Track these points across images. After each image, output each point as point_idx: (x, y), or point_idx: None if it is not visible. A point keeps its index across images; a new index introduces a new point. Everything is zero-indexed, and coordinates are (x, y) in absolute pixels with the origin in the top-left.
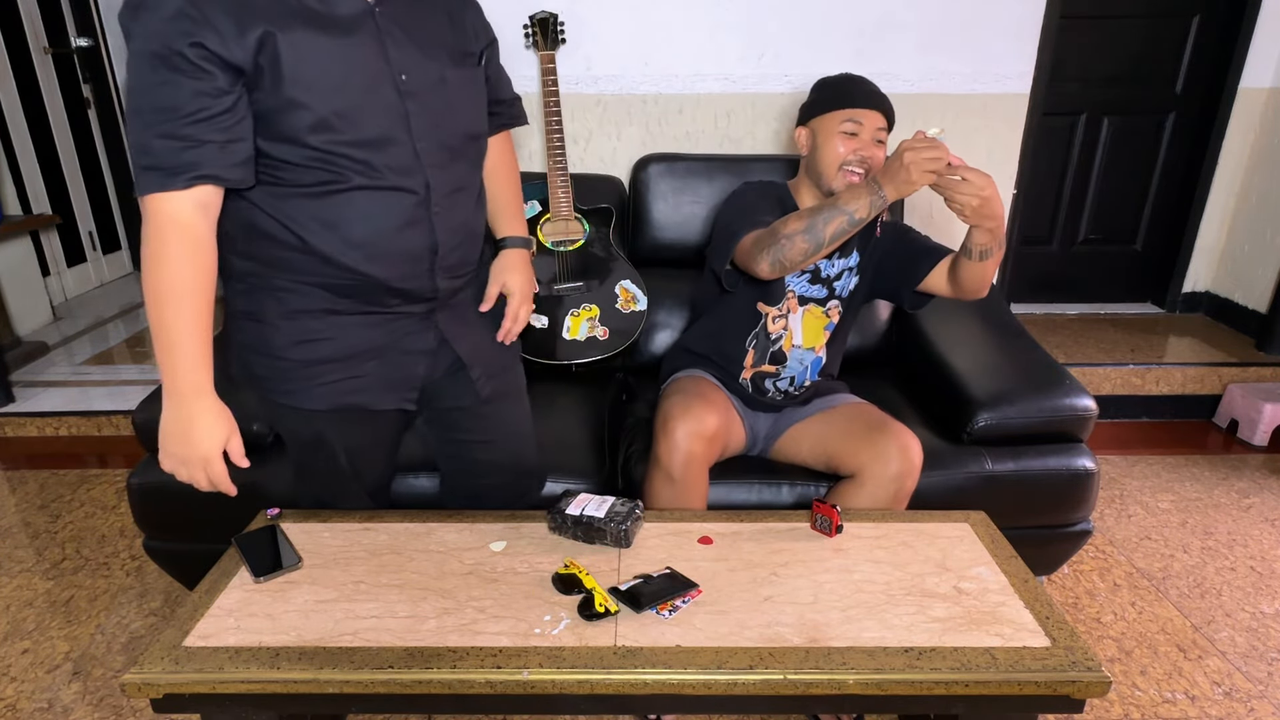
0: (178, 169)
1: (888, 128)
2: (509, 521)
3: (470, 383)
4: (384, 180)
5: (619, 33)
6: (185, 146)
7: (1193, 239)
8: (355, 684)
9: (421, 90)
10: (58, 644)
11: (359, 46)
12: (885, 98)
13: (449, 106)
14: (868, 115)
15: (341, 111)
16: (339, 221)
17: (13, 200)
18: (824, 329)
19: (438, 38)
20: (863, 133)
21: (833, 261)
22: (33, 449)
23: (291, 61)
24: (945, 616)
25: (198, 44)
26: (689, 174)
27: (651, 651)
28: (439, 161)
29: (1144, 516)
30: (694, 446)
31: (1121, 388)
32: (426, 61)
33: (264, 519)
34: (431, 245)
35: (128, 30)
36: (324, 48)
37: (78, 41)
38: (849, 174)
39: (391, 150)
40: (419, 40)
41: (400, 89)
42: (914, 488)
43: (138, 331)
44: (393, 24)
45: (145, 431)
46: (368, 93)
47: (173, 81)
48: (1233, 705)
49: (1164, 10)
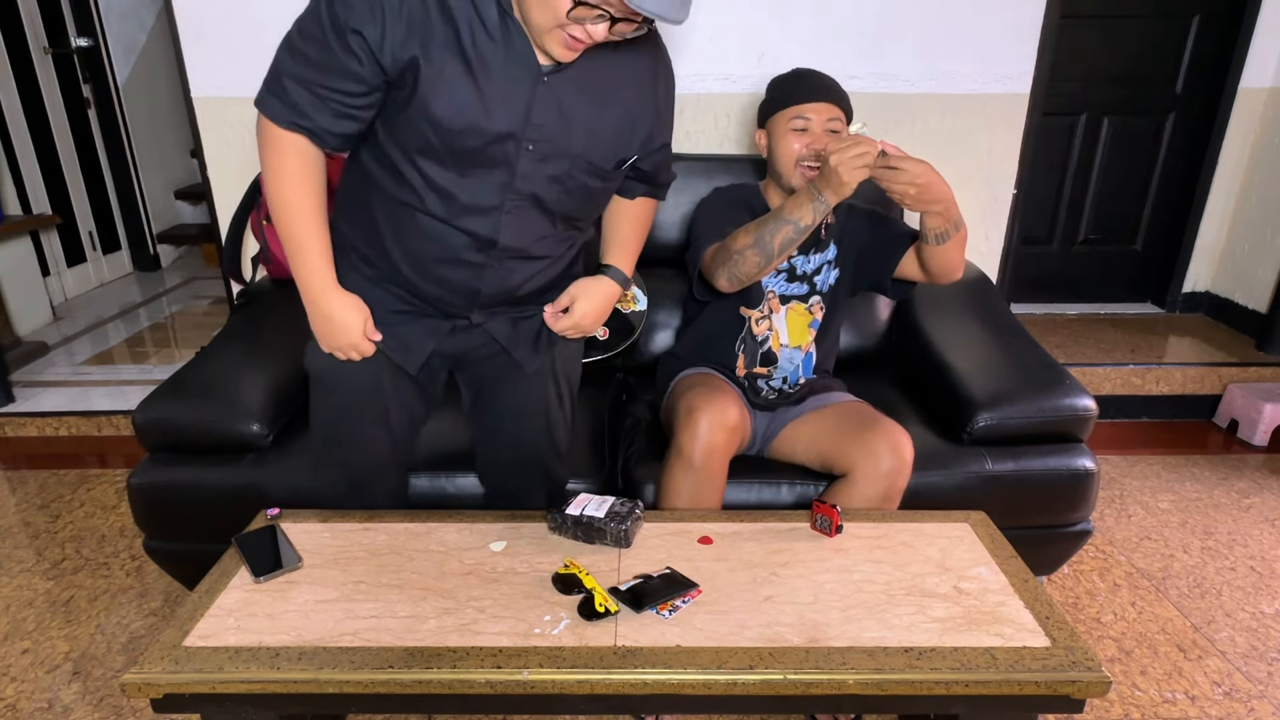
0: (291, 111)
1: (844, 116)
2: (509, 521)
3: (508, 357)
4: (455, 217)
5: None
6: (306, 98)
7: (1193, 239)
8: (355, 684)
9: (540, 162)
10: (58, 644)
11: (504, 103)
12: (834, 87)
13: (562, 188)
14: (816, 109)
15: (452, 148)
16: (405, 229)
17: (13, 200)
18: (809, 326)
19: (594, 129)
20: (813, 126)
21: (809, 257)
22: (33, 449)
23: (430, 90)
24: (945, 616)
25: (359, 32)
26: (689, 174)
27: (651, 651)
28: (520, 227)
29: (1144, 516)
30: (717, 436)
31: (1121, 388)
32: (566, 142)
33: (264, 519)
34: (473, 290)
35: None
36: (466, 89)
37: (78, 41)
38: (805, 170)
39: (479, 196)
40: (570, 122)
41: (521, 153)
42: (906, 484)
43: (138, 331)
44: (552, 97)
45: (145, 431)
46: (485, 143)
47: (328, 46)
48: (1233, 705)
49: (1164, 10)
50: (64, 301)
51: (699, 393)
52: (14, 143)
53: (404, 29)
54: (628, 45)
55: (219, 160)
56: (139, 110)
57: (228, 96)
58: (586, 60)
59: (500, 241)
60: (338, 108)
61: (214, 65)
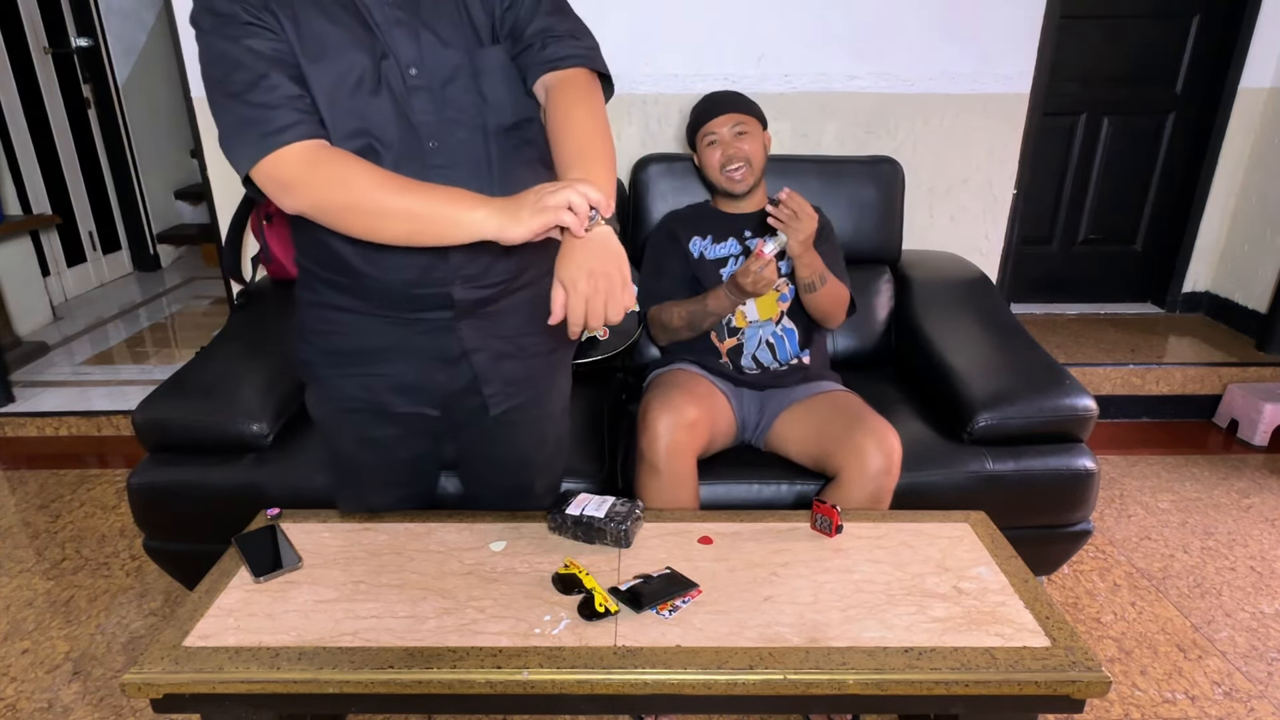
0: (280, 126)
1: (748, 115)
2: (509, 521)
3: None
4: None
5: (619, 33)
6: (273, 106)
7: (1193, 239)
8: (355, 684)
9: (434, 84)
10: (58, 644)
11: (364, 35)
12: (730, 98)
13: (472, 97)
14: (718, 122)
15: (340, 107)
16: None
17: (13, 200)
18: (778, 300)
19: (461, 17)
20: (721, 137)
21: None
22: (33, 449)
23: (299, 50)
24: (945, 616)
25: (248, 9)
26: (689, 174)
27: (651, 651)
28: (453, 161)
29: (1144, 516)
30: (676, 436)
31: (1121, 388)
32: (443, 49)
33: (264, 519)
34: (438, 252)
35: (194, 19)
36: (328, 36)
37: (78, 41)
38: (729, 175)
39: (395, 149)
40: (436, 24)
41: (408, 83)
42: (895, 483)
43: (138, 331)
44: (404, 9)
45: (145, 431)
46: (368, 90)
47: (242, 49)
48: (1233, 705)
49: (1164, 10)
50: (64, 301)
51: (655, 395)
52: (14, 143)
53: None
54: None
55: (219, 160)
56: (139, 110)
57: None
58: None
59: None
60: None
61: None
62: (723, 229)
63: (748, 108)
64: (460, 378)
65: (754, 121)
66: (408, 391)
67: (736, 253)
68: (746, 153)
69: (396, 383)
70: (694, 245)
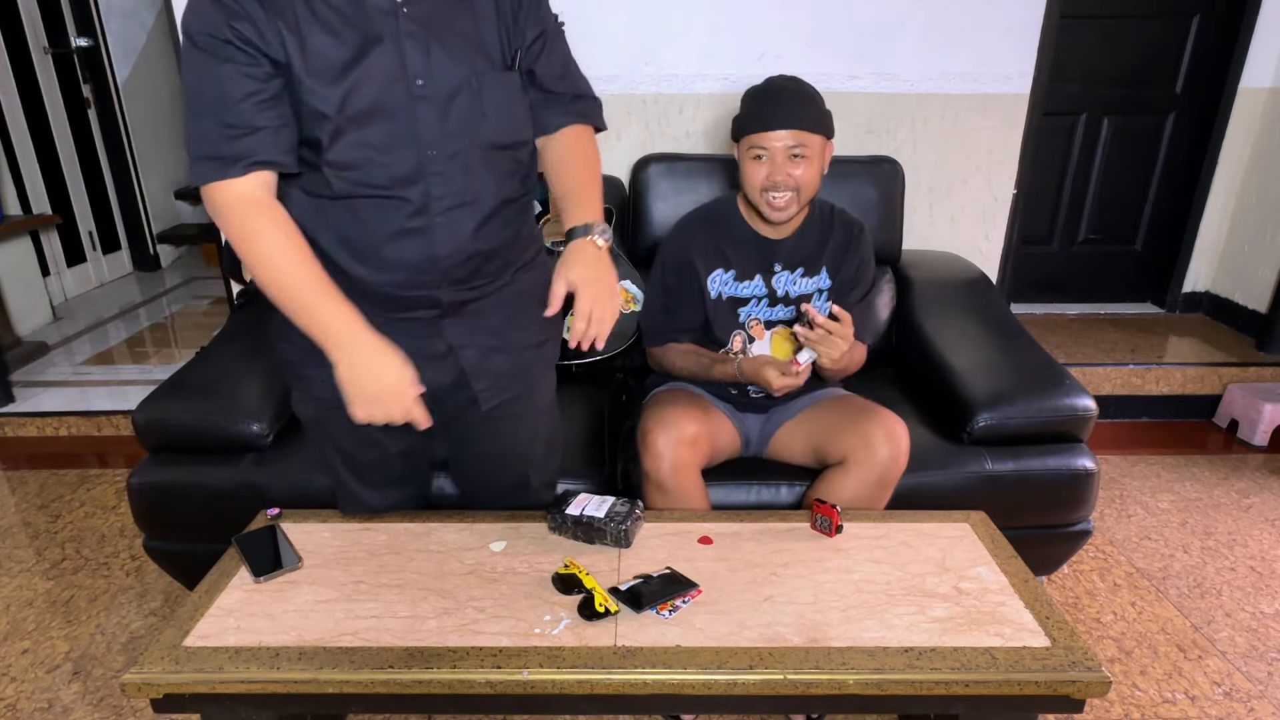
0: (235, 156)
1: (812, 134)
2: (509, 521)
3: (475, 394)
4: (381, 187)
5: (619, 33)
6: (240, 134)
7: (1193, 239)
8: (355, 684)
9: (439, 96)
10: (58, 644)
11: (373, 47)
12: (793, 107)
13: (474, 114)
14: (771, 138)
15: (348, 115)
16: (338, 223)
17: (13, 200)
18: (794, 354)
19: (472, 38)
20: (772, 153)
21: (794, 279)
22: (33, 449)
23: (299, 60)
24: (945, 616)
25: (233, 28)
26: (689, 174)
27: (651, 651)
28: (449, 171)
29: (1144, 516)
30: (678, 453)
31: (1121, 388)
32: (451, 64)
33: (264, 519)
34: (429, 256)
35: (185, 29)
36: (333, 49)
37: (78, 41)
38: (770, 201)
39: (394, 155)
40: (447, 41)
41: (413, 93)
42: (900, 474)
43: (138, 331)
44: (418, 24)
45: (145, 431)
46: (375, 97)
47: (222, 69)
48: (1233, 705)
49: (1164, 10)
50: (64, 301)
51: (653, 413)
52: (14, 143)
53: (261, 10)
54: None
55: None
56: (139, 110)
57: None
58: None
59: (434, 192)
60: (272, 122)
61: None
62: (748, 260)
63: (813, 121)
64: (446, 373)
65: (817, 140)
66: None
67: (761, 294)
68: (797, 180)
69: None
70: (713, 282)
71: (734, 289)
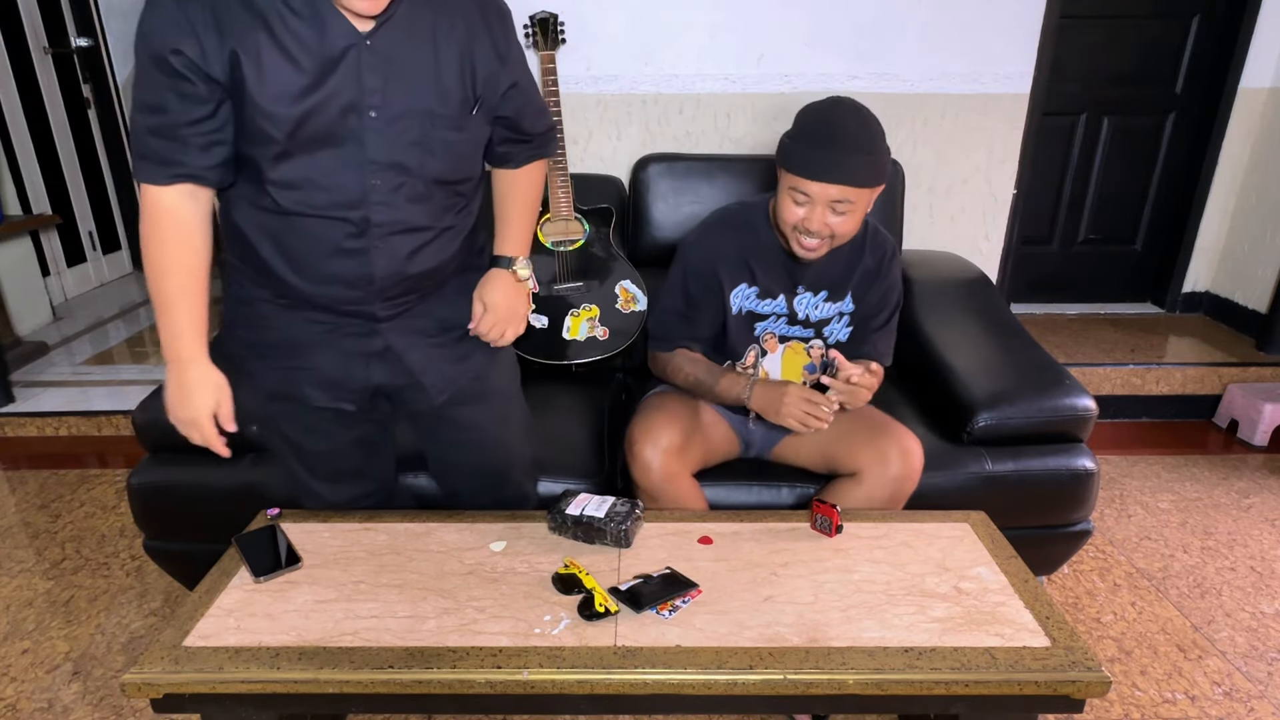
0: (164, 164)
1: (862, 189)
2: (509, 521)
3: (425, 389)
4: (321, 208)
5: (619, 33)
6: (171, 145)
7: (1193, 239)
8: (355, 684)
9: (390, 129)
10: (58, 644)
11: (330, 75)
12: (849, 161)
13: (422, 150)
14: (816, 188)
15: (295, 137)
16: (278, 236)
17: (13, 200)
18: (804, 369)
19: (431, 77)
20: (813, 202)
21: (816, 302)
22: (33, 449)
23: (255, 83)
24: (945, 616)
25: (178, 51)
26: (689, 174)
27: (651, 651)
28: (391, 200)
29: (1144, 516)
30: (665, 463)
31: (1121, 388)
32: (407, 99)
33: (264, 519)
34: (365, 276)
35: (138, 26)
36: (290, 76)
37: (78, 41)
38: (800, 242)
39: (338, 180)
40: (406, 76)
41: (365, 124)
42: (912, 491)
43: (138, 331)
44: (379, 57)
45: (145, 431)
46: (327, 125)
47: (161, 83)
48: (1233, 705)
49: (1164, 10)
50: (64, 301)
51: (639, 421)
52: (14, 143)
53: (216, 34)
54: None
55: None
56: None
57: None
58: (408, 11)
59: (374, 219)
60: (200, 140)
61: None
62: (773, 279)
63: (869, 175)
64: (396, 374)
65: (865, 193)
66: (327, 387)
67: (782, 312)
68: (834, 229)
69: (317, 378)
70: (736, 297)
71: (756, 305)
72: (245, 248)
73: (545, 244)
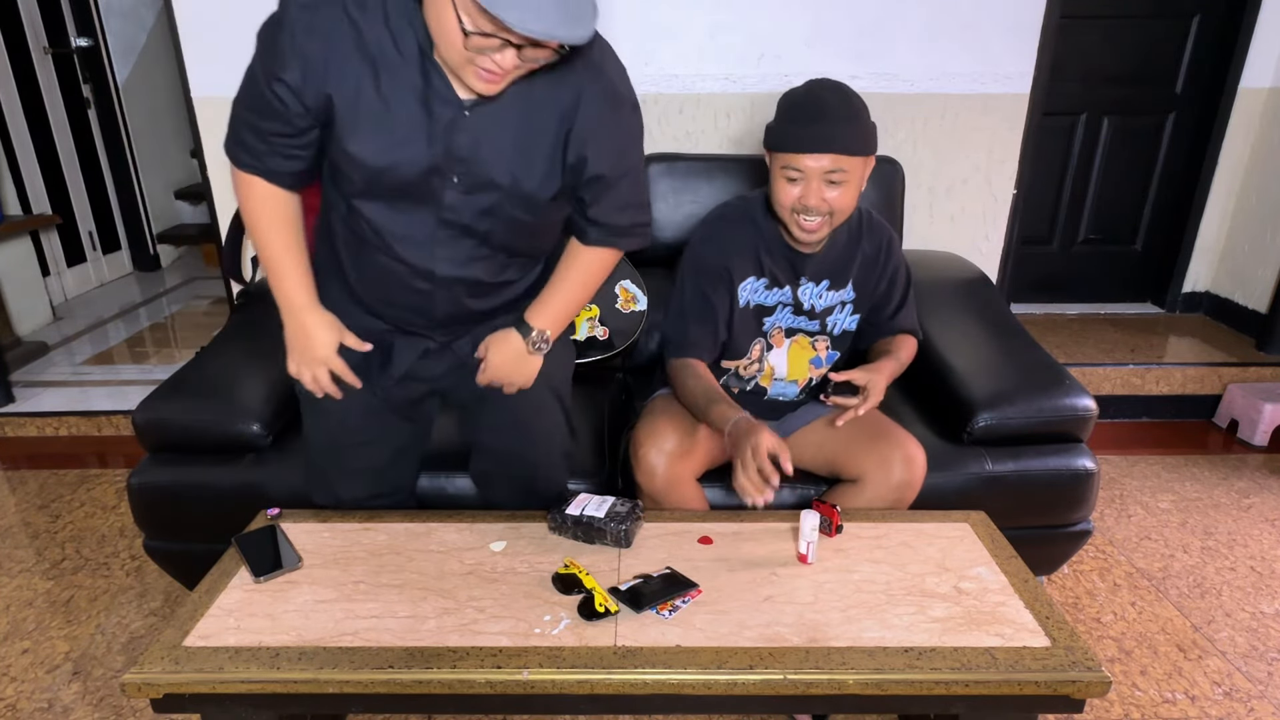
0: (247, 153)
1: (854, 157)
2: (509, 521)
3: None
4: (393, 250)
5: (619, 33)
6: (258, 143)
7: (1193, 239)
8: (355, 684)
9: (466, 195)
10: (58, 644)
11: (421, 137)
12: (836, 126)
13: (493, 219)
14: (806, 161)
15: (374, 185)
16: (357, 254)
17: (13, 200)
18: (810, 362)
19: (520, 155)
20: (807, 178)
21: (819, 291)
22: (33, 449)
23: (346, 127)
24: (945, 616)
25: (281, 79)
26: (689, 174)
27: (651, 651)
28: (455, 256)
29: (1144, 516)
30: (670, 467)
31: (1121, 388)
32: (492, 172)
33: (264, 519)
34: (427, 310)
35: (259, 31)
36: (385, 131)
37: (78, 41)
38: (801, 224)
39: (409, 229)
40: (494, 151)
41: (447, 186)
42: (914, 497)
43: (138, 331)
44: (475, 128)
45: (145, 431)
46: (410, 180)
47: (261, 94)
48: (1233, 705)
49: (1164, 10)
50: (64, 301)
51: (643, 425)
52: (14, 143)
53: (321, 71)
54: (555, 72)
55: (219, 160)
56: (139, 110)
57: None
58: (514, 90)
59: (437, 272)
60: (282, 149)
61: (214, 65)
62: (780, 269)
63: (857, 143)
64: (443, 364)
65: (857, 162)
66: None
67: (788, 302)
68: (832, 204)
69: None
70: (744, 290)
71: (763, 297)
72: (333, 256)
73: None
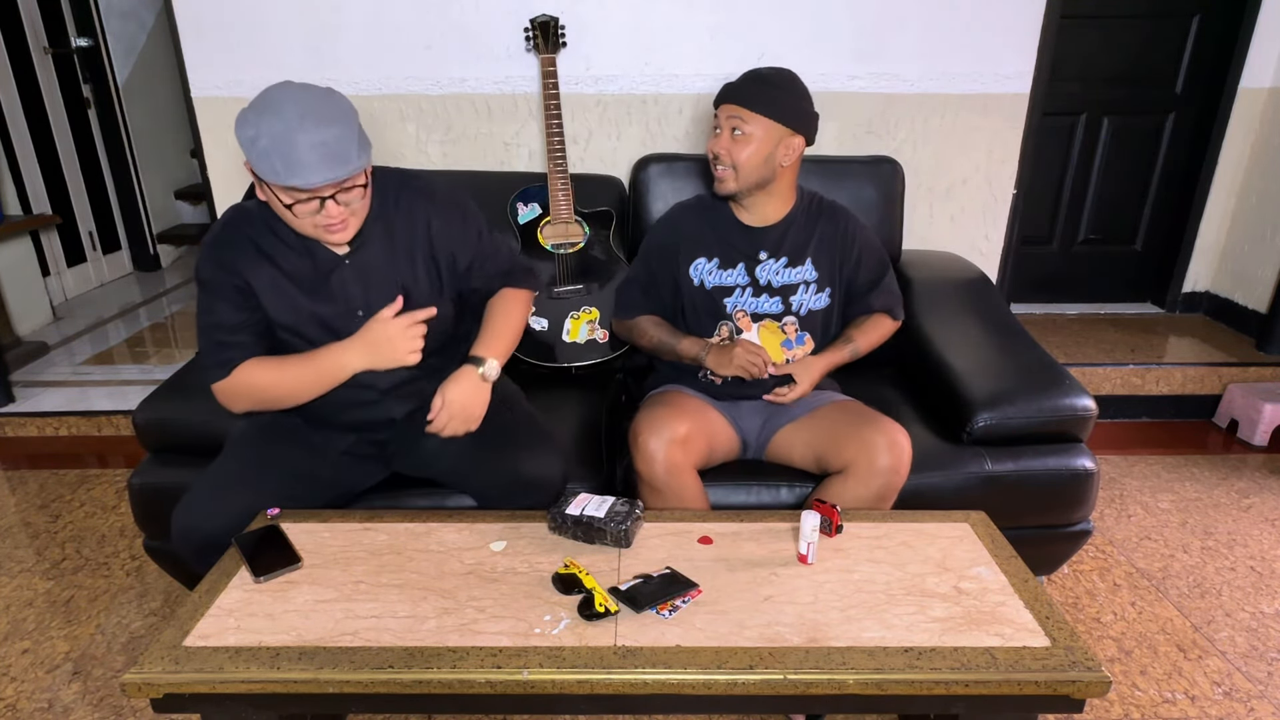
0: (221, 364)
1: (753, 113)
2: (509, 521)
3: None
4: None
5: (619, 33)
6: (227, 345)
7: (1193, 239)
8: (355, 684)
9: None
10: (58, 644)
11: (322, 288)
12: (743, 84)
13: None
14: (722, 112)
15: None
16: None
17: (13, 200)
18: (781, 345)
19: (400, 278)
20: (722, 130)
21: (778, 268)
22: (33, 449)
23: (269, 304)
24: (945, 616)
25: (232, 281)
26: (689, 174)
27: (651, 651)
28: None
29: (1144, 516)
30: (669, 454)
31: (1121, 388)
32: (385, 299)
33: (264, 519)
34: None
35: (195, 273)
36: (293, 297)
37: (78, 41)
38: (715, 171)
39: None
40: (381, 282)
41: (356, 321)
42: (902, 484)
43: (137, 331)
44: (357, 271)
45: (145, 431)
46: (327, 324)
47: (215, 303)
48: (1233, 705)
49: (1164, 10)
50: (64, 301)
51: (643, 415)
52: (14, 143)
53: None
54: (400, 210)
55: (219, 160)
56: (139, 110)
57: (228, 96)
58: (376, 230)
59: (379, 385)
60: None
61: (214, 65)
62: (731, 249)
63: (762, 103)
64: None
65: (759, 120)
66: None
67: (744, 283)
68: (733, 158)
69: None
70: (695, 270)
71: (718, 278)
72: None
73: (545, 247)
